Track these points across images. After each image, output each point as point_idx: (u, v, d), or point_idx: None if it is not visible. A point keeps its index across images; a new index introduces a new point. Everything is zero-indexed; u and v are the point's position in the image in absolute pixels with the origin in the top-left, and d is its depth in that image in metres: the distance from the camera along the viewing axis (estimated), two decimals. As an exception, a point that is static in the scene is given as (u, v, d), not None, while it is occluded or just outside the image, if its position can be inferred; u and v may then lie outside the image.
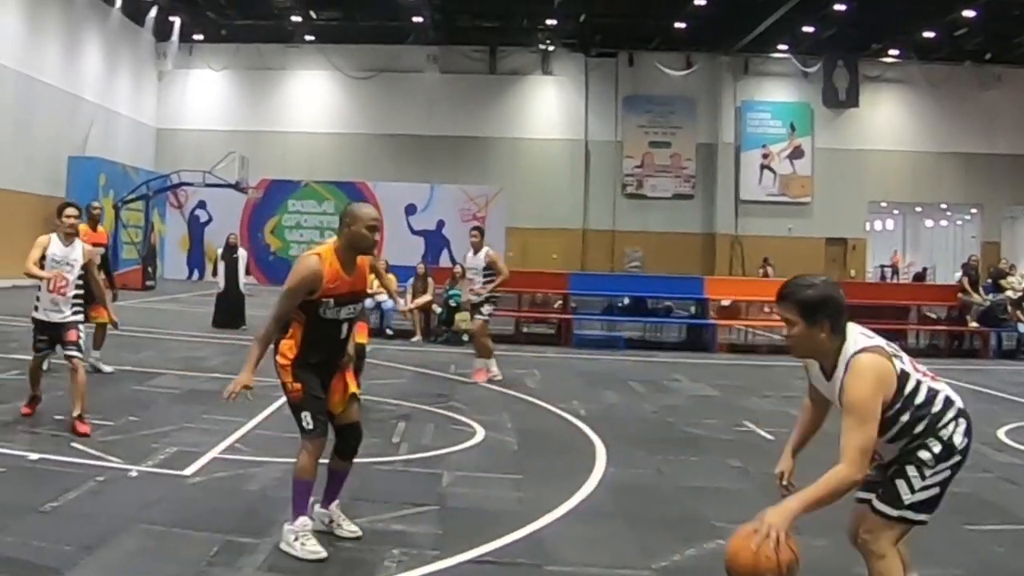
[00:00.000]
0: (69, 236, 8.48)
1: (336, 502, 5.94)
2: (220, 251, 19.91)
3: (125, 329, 12.75)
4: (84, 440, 7.76)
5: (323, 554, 5.40)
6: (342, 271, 5.56)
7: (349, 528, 5.87)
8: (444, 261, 33.91)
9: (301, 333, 5.56)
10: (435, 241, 38.21)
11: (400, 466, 7.74)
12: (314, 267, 5.46)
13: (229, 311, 18.89)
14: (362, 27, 39.57)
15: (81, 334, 8.51)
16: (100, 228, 12.98)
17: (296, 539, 5.44)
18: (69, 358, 8.23)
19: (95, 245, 11.59)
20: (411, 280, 19.30)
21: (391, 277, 18.97)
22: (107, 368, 11.80)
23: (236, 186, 32.31)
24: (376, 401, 10.73)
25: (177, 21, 40.27)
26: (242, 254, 19.53)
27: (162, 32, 40.54)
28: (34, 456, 7.19)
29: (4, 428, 8.20)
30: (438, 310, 18.95)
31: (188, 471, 7.07)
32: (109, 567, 5.11)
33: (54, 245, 8.42)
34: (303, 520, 5.50)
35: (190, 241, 38.86)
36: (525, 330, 19.97)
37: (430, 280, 19.38)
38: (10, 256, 29.44)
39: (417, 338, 18.56)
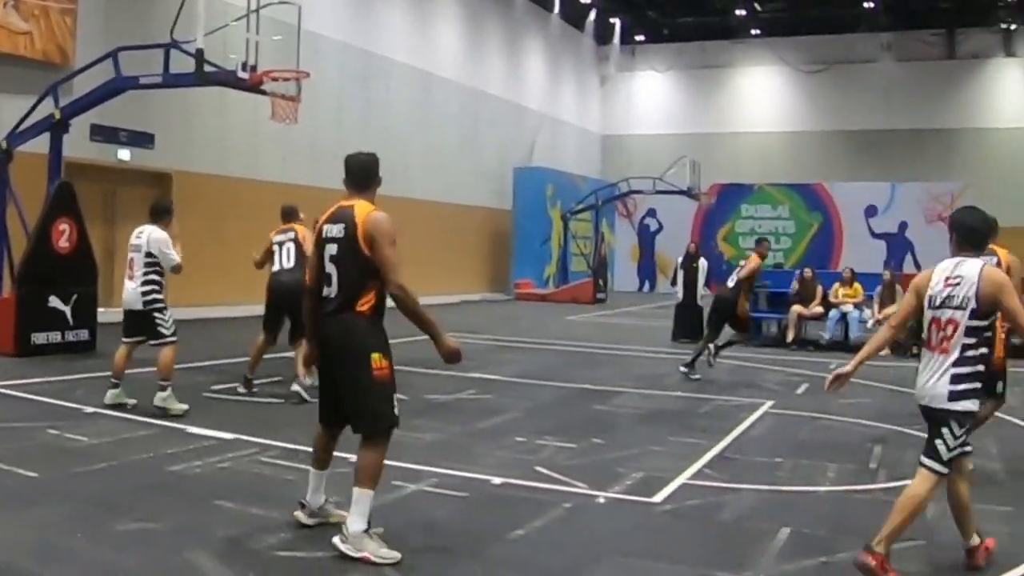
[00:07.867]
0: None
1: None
2: (679, 260, 19.33)
3: (580, 345, 12.86)
4: (548, 463, 7.67)
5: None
6: None
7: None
8: (908, 267, 31.57)
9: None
10: (898, 245, 35.11)
11: (880, 495, 7.03)
12: None
13: (690, 323, 18.34)
14: (810, 17, 38.29)
15: None
16: None
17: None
18: None
19: None
20: (878, 289, 18.04)
21: (857, 287, 17.94)
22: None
23: (688, 192, 31.84)
24: (846, 422, 10.05)
25: (617, 23, 40.86)
26: (703, 263, 18.98)
27: (603, 35, 41.40)
28: (497, 480, 7.11)
29: (459, 449, 8.24)
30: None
31: (657, 498, 6.77)
32: (581, 602, 4.90)
33: None
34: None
35: (640, 251, 38.99)
36: None
37: (898, 288, 17.85)
38: (462, 274, 31.14)
39: (885, 352, 17.21)
